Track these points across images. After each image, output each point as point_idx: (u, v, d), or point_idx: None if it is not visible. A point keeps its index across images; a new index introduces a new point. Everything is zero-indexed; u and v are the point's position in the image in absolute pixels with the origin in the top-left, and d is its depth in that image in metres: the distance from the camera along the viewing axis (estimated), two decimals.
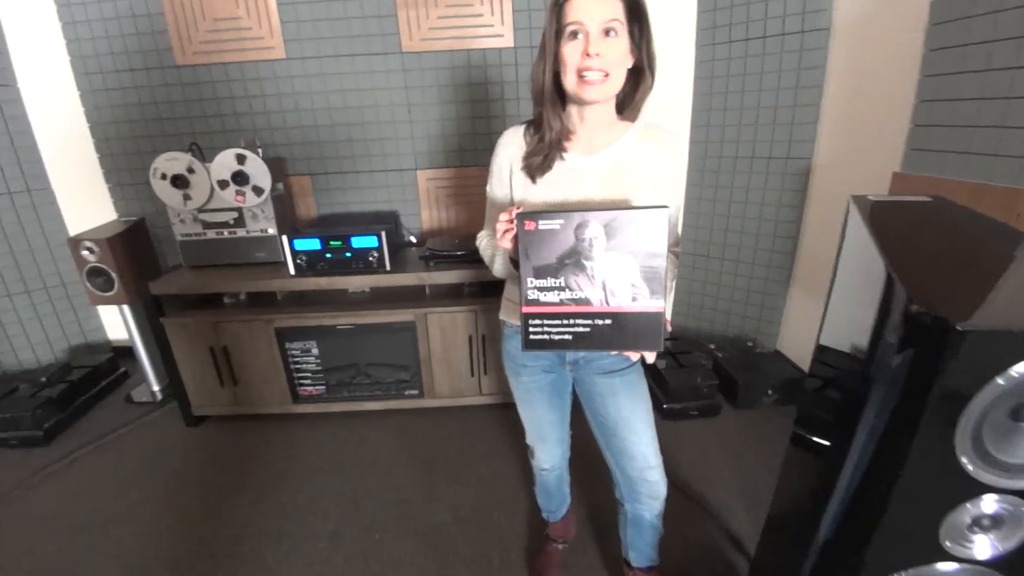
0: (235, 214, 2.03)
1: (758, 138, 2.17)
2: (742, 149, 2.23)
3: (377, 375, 2.10)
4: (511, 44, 2.18)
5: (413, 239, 2.41)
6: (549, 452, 1.26)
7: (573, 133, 0.97)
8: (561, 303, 0.85)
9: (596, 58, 0.85)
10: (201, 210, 2.02)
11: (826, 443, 0.85)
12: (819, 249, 2.13)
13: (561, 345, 0.89)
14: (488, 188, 1.08)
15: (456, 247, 2.05)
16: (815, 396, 0.93)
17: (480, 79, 2.23)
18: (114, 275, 2.07)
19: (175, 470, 1.92)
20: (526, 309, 0.87)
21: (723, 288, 2.48)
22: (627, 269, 0.81)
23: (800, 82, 2.00)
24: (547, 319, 0.87)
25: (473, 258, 1.98)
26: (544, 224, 0.81)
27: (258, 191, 1.97)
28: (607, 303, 0.84)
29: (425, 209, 2.46)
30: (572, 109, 0.96)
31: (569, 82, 0.89)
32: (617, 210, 0.80)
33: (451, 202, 2.45)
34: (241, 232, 2.06)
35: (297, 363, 2.06)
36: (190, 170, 1.93)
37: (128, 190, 2.42)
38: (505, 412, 2.17)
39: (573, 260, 0.83)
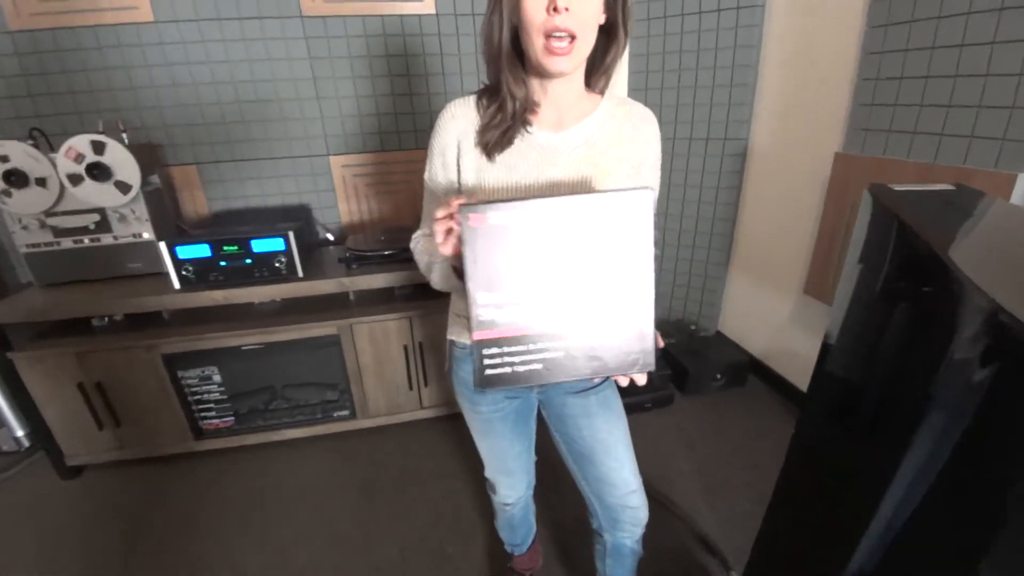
0: (96, 216, 1.62)
1: (696, 118, 2.10)
2: (680, 130, 2.15)
3: (299, 397, 1.81)
4: (432, 11, 1.92)
5: (330, 237, 2.11)
6: (515, 486, 1.09)
7: (538, 105, 0.78)
8: (525, 323, 0.65)
9: (565, 14, 0.66)
10: (49, 214, 1.60)
11: (846, 463, 0.75)
12: (757, 231, 2.12)
13: (529, 378, 0.67)
14: (427, 175, 0.84)
15: (382, 245, 1.79)
16: (825, 404, 0.83)
17: (398, 50, 1.95)
18: None
19: (54, 532, 1.56)
20: (479, 335, 0.64)
21: (666, 272, 2.43)
22: (606, 271, 0.63)
23: (736, 60, 1.93)
24: (508, 346, 0.65)
25: (403, 257, 1.74)
26: (495, 218, 0.59)
27: (123, 187, 1.58)
28: (584, 317, 0.65)
29: (343, 201, 2.15)
30: (533, 81, 0.77)
31: (534, 47, 0.69)
32: (588, 195, 0.61)
33: (372, 192, 2.17)
34: (107, 239, 1.66)
35: (195, 393, 1.72)
36: (39, 181, 1.52)
37: None
38: (451, 424, 1.97)
39: (536, 264, 0.62)
